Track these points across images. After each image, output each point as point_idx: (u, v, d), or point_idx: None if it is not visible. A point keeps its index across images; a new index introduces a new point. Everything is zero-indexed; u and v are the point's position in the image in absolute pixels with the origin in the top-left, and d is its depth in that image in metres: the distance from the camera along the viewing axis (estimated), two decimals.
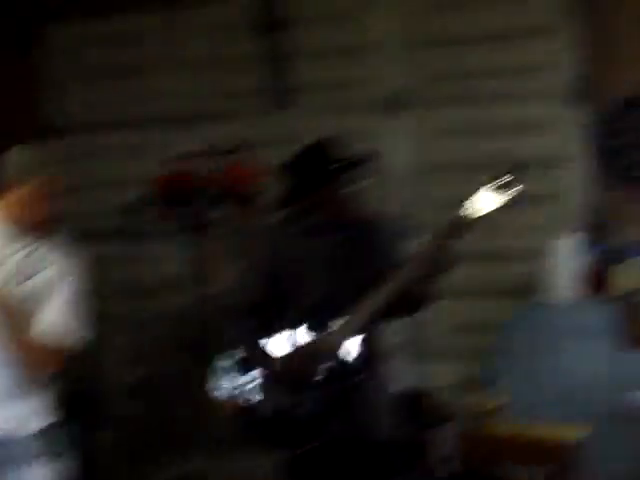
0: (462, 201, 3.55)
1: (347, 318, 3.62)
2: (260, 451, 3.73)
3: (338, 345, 3.62)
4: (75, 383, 5.46)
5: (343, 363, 3.64)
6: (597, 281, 5.27)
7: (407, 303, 3.71)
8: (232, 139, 5.85)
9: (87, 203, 6.42)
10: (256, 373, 3.68)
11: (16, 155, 3.40)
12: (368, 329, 3.67)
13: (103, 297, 5.91)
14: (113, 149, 6.40)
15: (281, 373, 3.65)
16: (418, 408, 4.91)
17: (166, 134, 6.25)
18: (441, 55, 5.67)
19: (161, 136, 6.26)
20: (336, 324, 3.62)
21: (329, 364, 3.63)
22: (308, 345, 3.64)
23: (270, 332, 3.70)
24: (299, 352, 3.64)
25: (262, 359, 3.67)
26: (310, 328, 3.66)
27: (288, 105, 5.98)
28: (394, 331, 3.97)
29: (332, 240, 3.75)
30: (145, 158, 6.16)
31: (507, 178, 3.52)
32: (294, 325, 3.67)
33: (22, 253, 3.39)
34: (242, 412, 3.66)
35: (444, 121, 5.67)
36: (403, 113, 5.72)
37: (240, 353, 3.69)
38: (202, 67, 6.19)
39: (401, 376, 5.57)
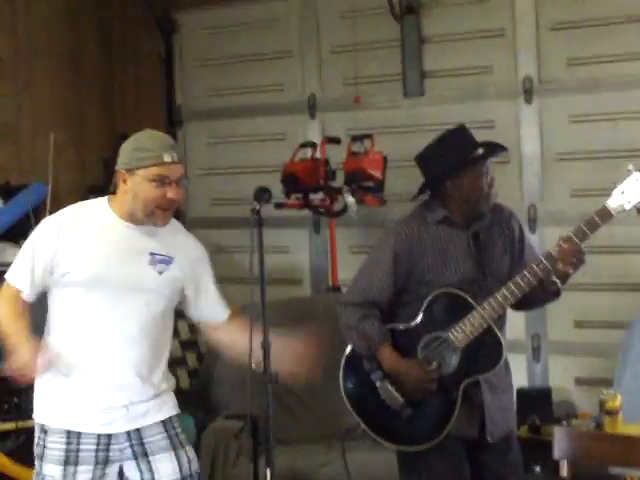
0: (609, 190, 3.45)
1: (478, 310, 3.58)
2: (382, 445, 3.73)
3: (466, 339, 3.60)
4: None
5: (467, 359, 3.61)
6: None
7: (543, 293, 3.65)
8: (364, 126, 5.89)
9: (219, 189, 6.58)
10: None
11: (139, 138, 3.37)
12: (499, 322, 3.63)
13: (235, 285, 6.12)
14: (244, 136, 6.50)
15: (405, 375, 3.64)
16: (542, 405, 4.87)
17: (298, 120, 6.31)
18: (575, 39, 5.54)
19: (292, 123, 6.32)
20: (470, 316, 3.59)
21: (455, 359, 3.61)
22: (434, 344, 3.62)
23: (398, 324, 3.69)
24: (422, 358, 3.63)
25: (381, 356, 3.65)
26: (441, 319, 3.63)
27: (421, 92, 5.94)
28: (517, 326, 3.91)
29: (472, 228, 3.71)
30: (276, 145, 6.25)
31: None
32: (425, 318, 3.64)
33: (154, 240, 3.38)
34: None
35: (579, 107, 5.55)
36: (536, 100, 5.62)
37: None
38: (336, 54, 6.20)
39: (525, 372, 5.54)
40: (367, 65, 6.03)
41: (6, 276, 3.36)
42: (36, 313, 3.41)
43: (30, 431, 4.26)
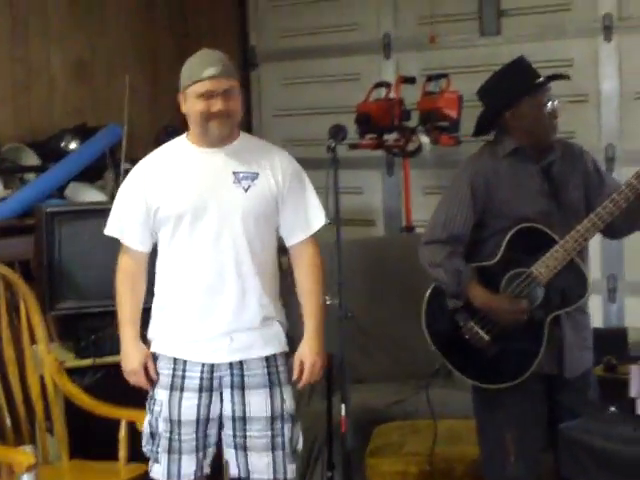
0: None
1: (561, 244, 3.54)
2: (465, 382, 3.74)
3: (545, 276, 3.57)
4: None
5: (551, 293, 3.58)
6: None
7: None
8: (440, 66, 5.83)
9: (293, 130, 6.57)
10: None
11: (190, 59, 3.41)
12: (581, 255, 3.60)
13: None
14: (317, 76, 6.47)
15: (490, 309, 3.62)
16: (618, 344, 4.82)
17: (372, 60, 6.27)
18: None
19: (366, 63, 6.28)
20: (553, 250, 3.55)
21: (540, 294, 3.58)
22: (518, 280, 3.60)
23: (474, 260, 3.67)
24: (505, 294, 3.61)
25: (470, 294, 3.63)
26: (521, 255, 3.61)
27: (497, 31, 5.86)
28: (593, 267, 3.86)
29: (544, 161, 3.67)
30: (351, 85, 6.22)
31: None
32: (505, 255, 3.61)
33: (236, 159, 3.39)
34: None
35: None
36: (616, 37, 5.50)
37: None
38: None
39: (601, 312, 5.50)
40: (443, 3, 5.97)
41: (111, 234, 3.47)
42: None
43: (107, 368, 4.42)
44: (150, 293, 3.49)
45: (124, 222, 3.43)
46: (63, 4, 6.11)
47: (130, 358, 3.44)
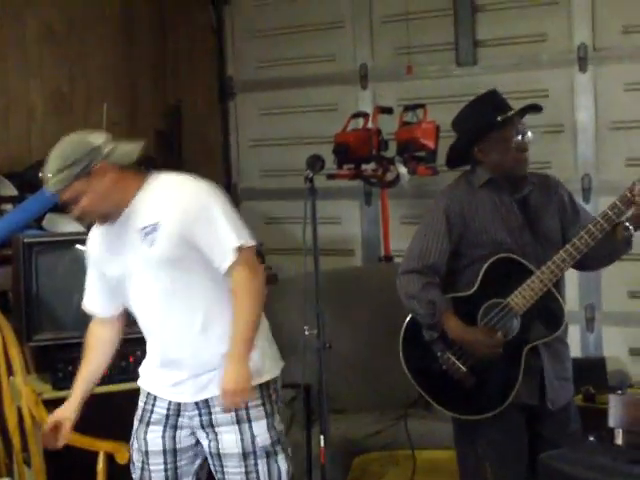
0: None
1: (537, 275, 3.56)
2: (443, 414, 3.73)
3: (521, 307, 3.57)
4: None
5: (527, 324, 3.59)
6: None
7: (613, 244, 3.63)
8: (416, 96, 5.86)
9: (270, 161, 6.58)
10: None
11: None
12: (558, 286, 3.62)
13: (285, 255, 6.16)
14: (295, 107, 6.49)
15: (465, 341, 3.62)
16: (596, 374, 4.84)
17: (349, 91, 6.29)
18: (631, 5, 5.44)
19: (344, 93, 6.31)
20: (529, 281, 3.56)
21: (516, 325, 3.59)
22: (494, 311, 3.61)
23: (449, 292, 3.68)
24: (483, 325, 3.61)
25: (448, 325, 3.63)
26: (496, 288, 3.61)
27: (474, 61, 5.90)
28: (571, 297, 3.88)
29: (519, 194, 3.69)
30: (328, 115, 6.24)
31: None
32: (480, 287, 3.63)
33: (139, 215, 3.33)
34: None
35: (635, 75, 5.45)
36: (591, 68, 5.54)
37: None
38: (388, 24, 6.16)
39: (579, 342, 5.51)
40: (419, 34, 5.98)
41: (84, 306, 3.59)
42: None
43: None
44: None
45: (87, 290, 3.55)
46: (42, 35, 6.11)
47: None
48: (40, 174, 3.37)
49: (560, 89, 5.61)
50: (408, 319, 3.73)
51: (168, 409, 3.40)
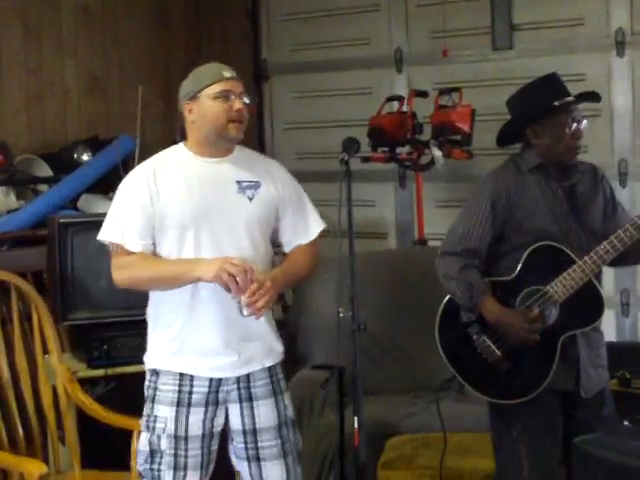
0: None
1: (579, 264, 3.54)
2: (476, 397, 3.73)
3: (561, 295, 3.56)
4: None
5: (566, 313, 3.56)
6: None
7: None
8: (452, 80, 5.83)
9: (305, 144, 6.58)
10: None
11: (193, 71, 3.43)
12: (593, 277, 3.58)
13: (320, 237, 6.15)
14: (330, 90, 6.48)
15: (503, 324, 3.61)
16: (632, 358, 4.81)
17: (384, 74, 6.27)
18: None
19: (379, 77, 6.29)
20: (570, 270, 3.54)
21: (555, 313, 3.56)
22: (533, 298, 3.59)
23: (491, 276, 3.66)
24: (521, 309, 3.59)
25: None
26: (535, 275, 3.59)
27: (510, 45, 5.86)
28: (606, 282, 3.85)
29: (568, 181, 3.67)
30: (363, 99, 6.23)
31: None
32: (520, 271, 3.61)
33: (237, 169, 3.40)
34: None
35: None
36: (629, 52, 5.50)
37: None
38: (424, 7, 6.13)
39: (614, 327, 5.48)
40: (455, 18, 5.95)
41: (111, 238, 3.37)
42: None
43: (119, 378, 4.42)
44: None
45: (126, 226, 3.34)
46: (77, 17, 6.14)
47: (209, 263, 3.24)
48: (209, 69, 3.39)
49: (597, 74, 5.57)
50: (445, 301, 3.71)
51: (210, 386, 3.36)
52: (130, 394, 3.62)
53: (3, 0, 5.75)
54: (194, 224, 3.32)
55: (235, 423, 3.42)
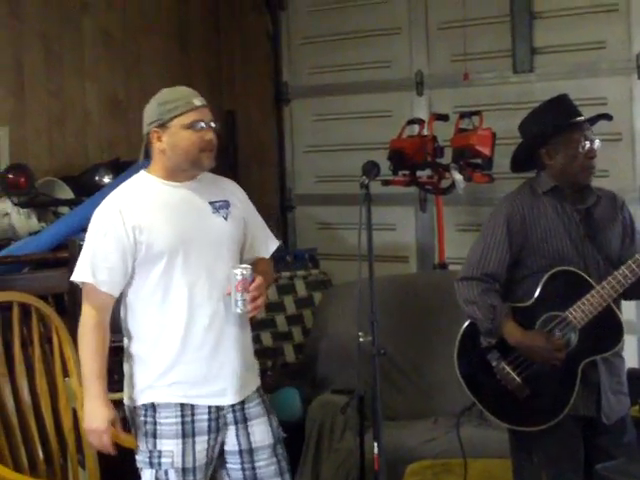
0: None
1: (598, 289, 3.52)
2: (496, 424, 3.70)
3: (580, 321, 3.53)
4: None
5: (585, 338, 3.54)
6: None
7: None
8: (472, 103, 5.82)
9: (325, 167, 6.58)
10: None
11: (159, 96, 3.42)
12: (611, 303, 3.55)
13: (339, 261, 6.16)
14: (350, 113, 6.48)
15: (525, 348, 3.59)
16: None
17: (405, 97, 6.27)
18: None
19: (399, 100, 6.29)
20: (589, 295, 3.52)
21: (571, 339, 3.54)
22: (552, 324, 3.56)
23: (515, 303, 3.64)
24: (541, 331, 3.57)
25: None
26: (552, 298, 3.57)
27: (530, 68, 5.85)
28: (628, 307, 3.83)
29: (584, 204, 3.66)
30: (383, 122, 6.23)
31: None
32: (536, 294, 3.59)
33: (205, 191, 3.40)
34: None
35: None
36: None
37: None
38: (444, 30, 6.14)
39: (636, 353, 5.43)
40: (476, 41, 5.93)
41: (81, 278, 3.33)
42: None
43: None
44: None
45: (97, 265, 3.30)
46: (97, 40, 6.17)
47: (99, 416, 3.30)
48: (178, 96, 3.38)
49: (618, 97, 5.54)
50: (465, 326, 3.70)
51: (210, 413, 3.34)
52: None
53: (25, 23, 5.79)
54: (182, 249, 3.30)
55: (231, 444, 3.40)
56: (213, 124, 3.35)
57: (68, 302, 4.76)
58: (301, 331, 5.73)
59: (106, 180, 5.76)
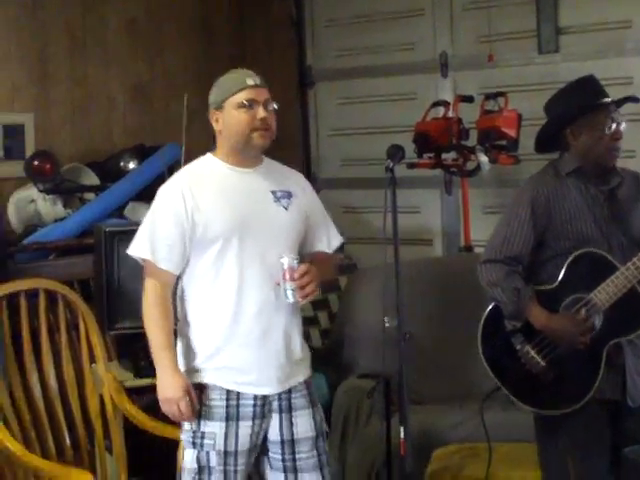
0: None
1: (622, 271, 3.49)
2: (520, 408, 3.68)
3: (605, 303, 3.51)
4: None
5: (610, 320, 3.52)
6: None
7: None
8: (497, 84, 5.79)
9: (349, 150, 6.57)
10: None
11: (218, 79, 3.44)
12: (636, 285, 3.52)
13: (364, 244, 6.14)
14: (374, 95, 6.46)
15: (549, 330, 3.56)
16: None
17: (429, 79, 6.24)
18: None
19: (423, 82, 6.26)
20: (613, 277, 3.49)
21: (595, 322, 3.52)
22: (577, 303, 3.54)
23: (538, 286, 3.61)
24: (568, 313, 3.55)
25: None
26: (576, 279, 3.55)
27: (556, 48, 5.81)
28: None
29: (608, 185, 3.63)
30: (407, 104, 6.21)
31: None
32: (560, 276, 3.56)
33: (268, 179, 3.41)
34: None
35: None
36: None
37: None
38: (469, 11, 6.10)
39: None
40: (501, 22, 5.91)
41: (140, 254, 3.37)
42: None
43: None
44: None
45: (157, 243, 3.33)
46: (121, 26, 6.17)
47: (172, 385, 3.29)
48: (234, 76, 3.39)
49: None
50: (489, 309, 3.68)
51: (255, 399, 3.34)
52: None
53: (48, 11, 5.80)
54: (238, 235, 3.30)
55: (274, 434, 3.39)
56: (269, 104, 3.35)
57: (94, 289, 4.78)
58: (327, 316, 5.72)
59: (131, 166, 5.78)
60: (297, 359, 3.42)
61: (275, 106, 3.37)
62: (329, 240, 3.54)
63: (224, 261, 3.31)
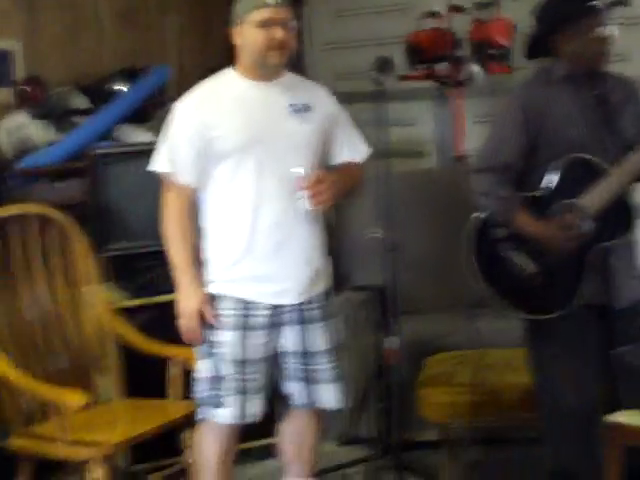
0: None
1: (611, 175, 3.48)
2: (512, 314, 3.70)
3: (594, 208, 3.50)
4: None
5: (599, 225, 3.51)
6: None
7: None
8: None
9: (343, 63, 6.51)
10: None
11: None
12: (624, 192, 3.52)
13: None
14: (366, 7, 6.38)
15: (536, 237, 3.56)
16: None
17: None
18: None
19: None
20: (602, 182, 3.48)
21: (585, 227, 3.51)
22: (566, 208, 3.53)
23: (522, 191, 3.61)
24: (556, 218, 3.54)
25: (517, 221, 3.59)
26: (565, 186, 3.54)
27: None
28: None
29: (598, 89, 3.59)
30: (399, 16, 6.13)
31: None
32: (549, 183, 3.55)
33: (288, 93, 3.43)
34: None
35: None
36: None
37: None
38: None
39: None
40: None
41: (160, 168, 3.43)
42: None
43: (163, 306, 4.43)
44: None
45: (176, 156, 3.39)
46: None
47: (190, 299, 3.37)
48: None
49: None
50: (477, 217, 3.67)
51: (270, 310, 3.39)
52: (174, 323, 3.59)
53: None
54: (252, 147, 3.33)
55: (290, 345, 3.44)
56: (288, 23, 3.35)
57: (87, 212, 4.77)
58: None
59: (122, 88, 5.73)
60: (317, 269, 3.46)
61: (294, 24, 3.37)
62: (354, 151, 3.57)
63: (240, 174, 3.35)
